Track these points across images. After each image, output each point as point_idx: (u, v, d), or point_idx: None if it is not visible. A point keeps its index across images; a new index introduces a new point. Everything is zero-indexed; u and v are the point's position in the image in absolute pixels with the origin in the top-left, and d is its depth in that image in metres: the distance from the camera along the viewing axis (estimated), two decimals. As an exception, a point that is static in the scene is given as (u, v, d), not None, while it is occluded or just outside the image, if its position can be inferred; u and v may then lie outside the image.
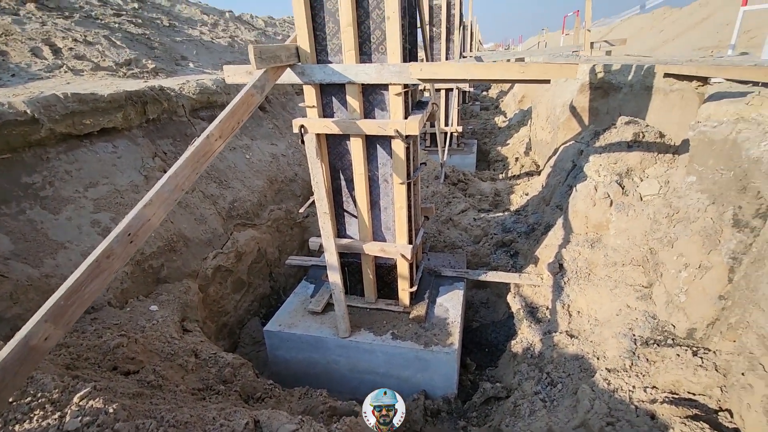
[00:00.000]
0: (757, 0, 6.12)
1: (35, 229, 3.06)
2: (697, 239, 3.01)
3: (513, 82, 3.13)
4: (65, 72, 6.42)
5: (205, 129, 5.77)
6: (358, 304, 4.35)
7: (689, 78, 4.22)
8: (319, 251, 4.91)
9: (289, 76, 3.36)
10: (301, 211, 3.84)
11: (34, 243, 2.99)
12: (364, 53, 3.30)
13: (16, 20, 7.31)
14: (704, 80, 3.88)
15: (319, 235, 4.32)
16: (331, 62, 3.35)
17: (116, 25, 9.31)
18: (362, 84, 3.34)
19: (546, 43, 19.87)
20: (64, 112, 3.46)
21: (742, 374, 2.12)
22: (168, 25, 11.54)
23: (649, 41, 16.00)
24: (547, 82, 2.98)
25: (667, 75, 4.78)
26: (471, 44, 18.32)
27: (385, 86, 3.35)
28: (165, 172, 4.36)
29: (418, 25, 3.92)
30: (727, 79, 3.42)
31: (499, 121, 16.00)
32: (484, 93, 23.84)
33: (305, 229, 6.45)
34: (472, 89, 20.53)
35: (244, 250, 4.91)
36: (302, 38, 3.27)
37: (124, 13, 10.49)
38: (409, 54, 3.56)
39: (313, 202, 3.85)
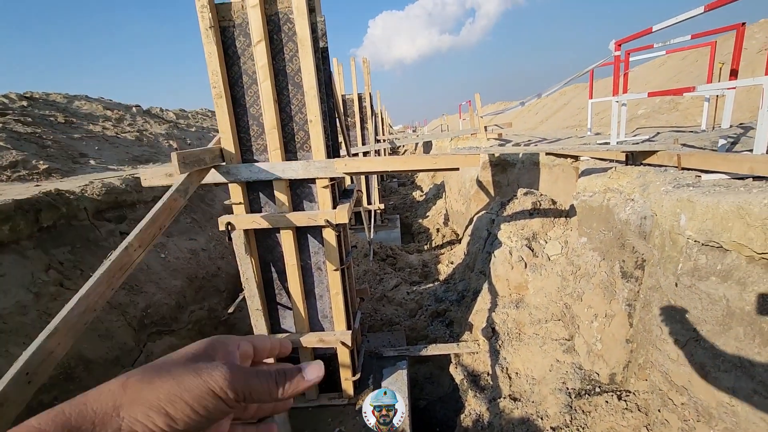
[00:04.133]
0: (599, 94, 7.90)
1: None
2: (599, 291, 3.47)
3: (428, 171, 3.55)
4: (-68, 179, 5.60)
5: (111, 231, 5.31)
6: (298, 404, 4.00)
7: (564, 156, 5.15)
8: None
9: (213, 176, 3.38)
10: (230, 311, 3.60)
11: None
12: (290, 151, 3.49)
13: None
14: (576, 158, 4.78)
15: (250, 333, 4.06)
16: (257, 161, 3.47)
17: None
18: (289, 179, 3.48)
19: (447, 126, 22.72)
20: (-66, 230, 2.97)
21: (659, 411, 2.38)
22: (64, 121, 10.88)
23: (528, 122, 19.28)
24: (456, 169, 3.42)
25: (548, 153, 5.78)
26: (383, 129, 20.26)
27: (312, 180, 3.53)
28: (61, 285, 3.86)
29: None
30: (591, 157, 4.27)
31: (417, 195, 17.27)
32: (399, 170, 25.79)
33: (232, 327, 5.95)
34: (387, 167, 22.21)
35: (162, 362, 4.32)
36: (226, 141, 3.37)
37: (10, 112, 9.72)
38: (332, 148, 3.84)
39: (243, 298, 3.67)
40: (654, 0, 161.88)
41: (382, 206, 11.74)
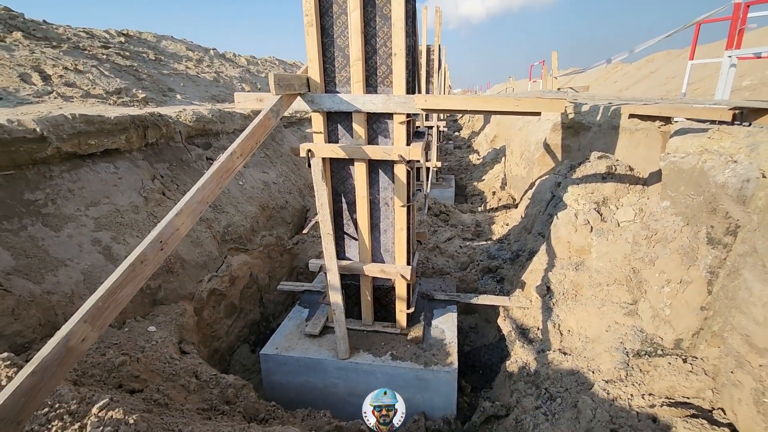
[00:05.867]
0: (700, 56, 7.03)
1: (36, 246, 2.97)
2: (676, 257, 3.32)
3: (508, 113, 3.48)
4: (55, 98, 6.39)
5: (200, 155, 5.82)
6: (355, 326, 4.35)
7: (653, 118, 4.76)
8: (318, 273, 4.94)
9: (298, 104, 3.57)
10: (305, 231, 3.91)
11: (36, 259, 2.89)
12: (370, 85, 3.56)
13: (2, 47, 7.29)
14: (667, 120, 4.40)
15: (313, 258, 4.39)
16: (338, 92, 3.60)
17: (104, 57, 9.41)
18: (368, 113, 3.58)
19: (513, 89, 21.43)
20: (72, 131, 3.48)
21: (731, 372, 2.33)
22: (154, 59, 11.73)
23: (605, 90, 17.62)
24: (538, 114, 3.32)
25: (632, 116, 5.35)
26: (444, 88, 19.57)
27: (390, 115, 3.61)
28: (163, 194, 4.38)
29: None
30: (687, 119, 3.91)
31: (474, 158, 16.81)
32: (456, 133, 25.05)
33: (295, 256, 6.44)
34: (445, 129, 21.67)
35: (238, 275, 4.86)
36: (313, 70, 3.51)
37: (112, 46, 10.63)
38: (411, 86, 3.86)
39: (316, 223, 3.96)
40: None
41: (439, 164, 11.65)
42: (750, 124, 3.25)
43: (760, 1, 4.90)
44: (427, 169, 10.74)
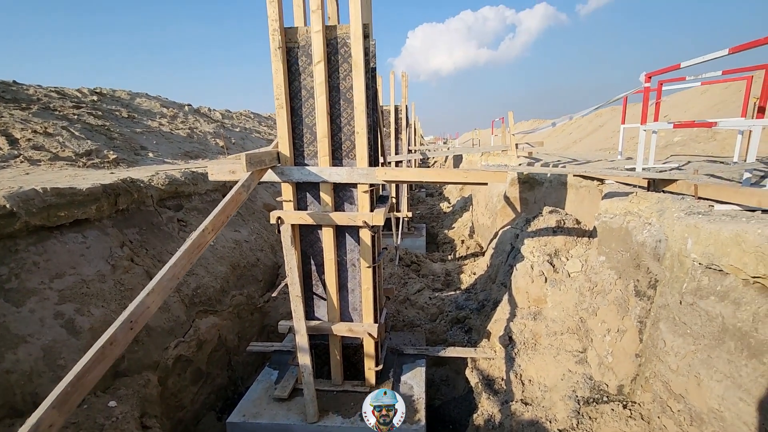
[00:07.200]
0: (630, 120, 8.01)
1: (-3, 323, 2.96)
2: (613, 308, 3.68)
3: (459, 183, 3.92)
4: (21, 162, 6.44)
5: (170, 218, 5.94)
6: (324, 387, 4.38)
7: (590, 178, 5.35)
8: (287, 334, 4.99)
9: (269, 176, 3.86)
10: (274, 294, 4.05)
11: (-4, 337, 2.88)
12: (336, 158, 3.93)
13: (-28, 111, 7.34)
14: (601, 180, 4.98)
15: (283, 319, 4.48)
16: (307, 165, 3.93)
17: (75, 117, 9.55)
18: (334, 183, 3.91)
19: (479, 140, 22.87)
20: (42, 205, 3.58)
21: (658, 417, 2.59)
22: (127, 116, 11.96)
23: (561, 141, 19.19)
24: (485, 184, 3.75)
25: (575, 175, 5.97)
26: (415, 140, 20.73)
27: (354, 185, 3.94)
28: (132, 260, 4.45)
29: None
30: (616, 181, 4.48)
31: (444, 206, 17.52)
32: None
33: (266, 314, 6.44)
34: (417, 177, 22.60)
35: (206, 338, 4.84)
36: (283, 145, 3.85)
37: (84, 105, 10.81)
38: (373, 157, 4.26)
39: (285, 285, 4.11)
40: (699, 22, 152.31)
41: (410, 214, 12.11)
42: (661, 191, 3.79)
43: (670, 80, 5.81)
44: (397, 219, 11.16)
